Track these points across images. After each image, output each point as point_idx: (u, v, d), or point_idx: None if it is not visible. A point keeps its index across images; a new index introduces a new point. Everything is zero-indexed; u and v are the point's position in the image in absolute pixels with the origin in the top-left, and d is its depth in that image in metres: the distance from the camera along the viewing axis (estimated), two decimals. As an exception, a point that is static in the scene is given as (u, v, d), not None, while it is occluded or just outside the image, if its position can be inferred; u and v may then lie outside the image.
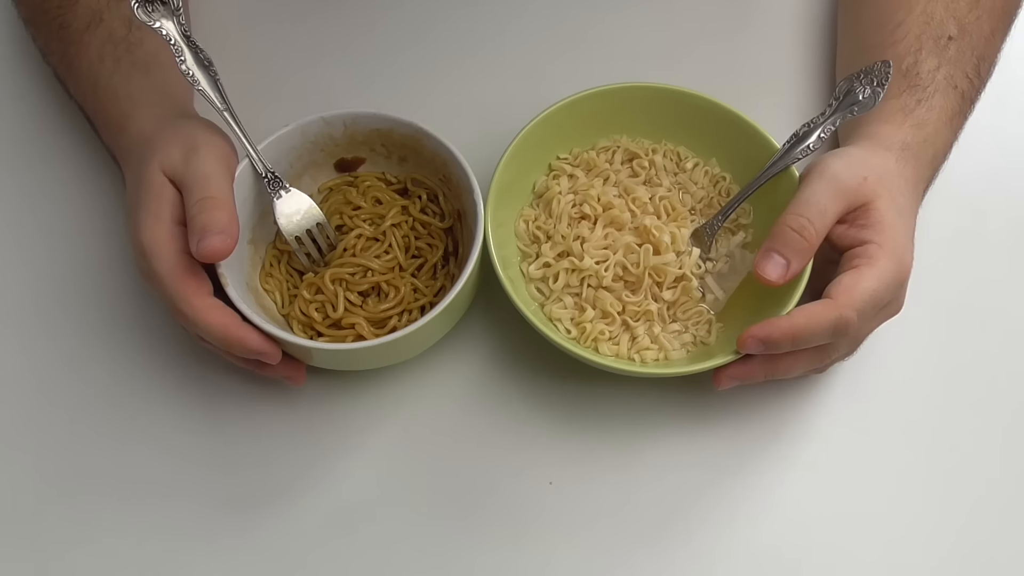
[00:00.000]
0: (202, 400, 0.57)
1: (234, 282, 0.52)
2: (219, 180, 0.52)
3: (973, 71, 0.59)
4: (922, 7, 0.60)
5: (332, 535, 0.54)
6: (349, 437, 0.57)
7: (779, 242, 0.52)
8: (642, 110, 0.61)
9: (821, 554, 0.54)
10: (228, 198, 0.52)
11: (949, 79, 0.58)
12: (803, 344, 0.51)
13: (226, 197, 0.51)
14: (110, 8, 0.59)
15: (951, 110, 0.58)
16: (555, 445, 0.56)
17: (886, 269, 0.52)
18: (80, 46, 0.59)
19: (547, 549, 0.54)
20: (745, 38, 0.71)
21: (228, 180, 0.53)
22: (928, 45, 0.59)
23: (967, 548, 0.54)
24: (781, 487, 0.56)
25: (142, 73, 0.58)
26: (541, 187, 0.61)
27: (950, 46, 0.59)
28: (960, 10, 0.60)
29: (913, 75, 0.58)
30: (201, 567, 0.53)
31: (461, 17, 0.71)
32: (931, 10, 0.60)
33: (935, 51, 0.59)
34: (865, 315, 0.51)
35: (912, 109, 0.57)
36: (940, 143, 0.58)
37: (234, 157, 0.55)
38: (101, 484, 0.55)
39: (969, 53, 0.59)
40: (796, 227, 0.52)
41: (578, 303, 0.57)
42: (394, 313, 0.56)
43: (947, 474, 0.56)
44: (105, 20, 0.59)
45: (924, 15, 0.60)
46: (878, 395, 0.58)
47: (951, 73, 0.59)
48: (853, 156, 0.55)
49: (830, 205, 0.52)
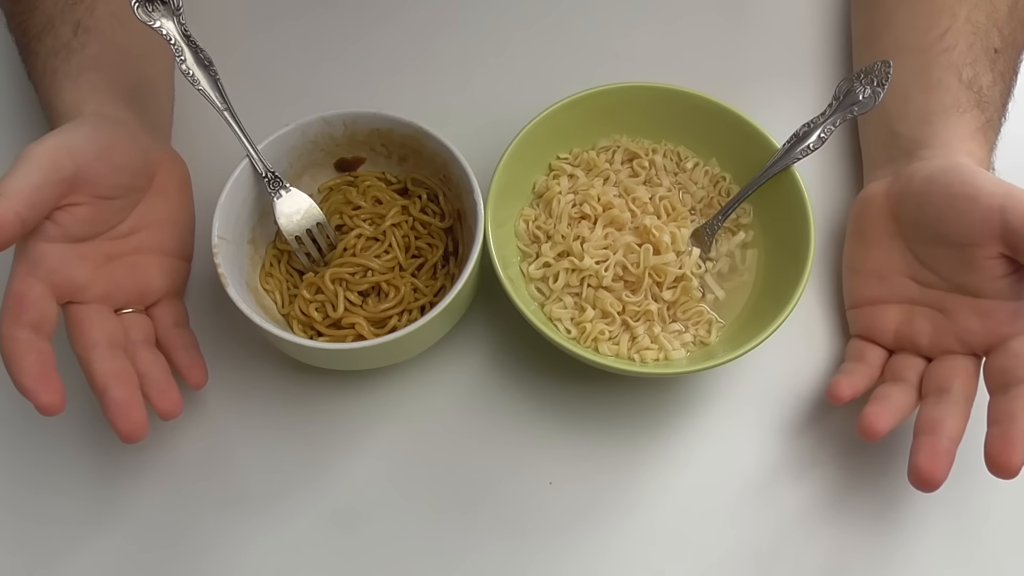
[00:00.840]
0: (201, 400, 0.57)
1: (234, 282, 0.52)
2: (33, 164, 0.47)
3: (1012, 88, 0.59)
4: (965, 14, 0.58)
5: (332, 535, 0.54)
6: (349, 437, 0.57)
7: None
8: (642, 110, 0.61)
9: (822, 554, 0.54)
10: (23, 185, 0.46)
11: (1002, 97, 0.58)
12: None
13: (21, 184, 0.46)
14: (63, 13, 0.57)
15: (999, 133, 0.58)
16: (555, 445, 0.56)
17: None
18: (32, 56, 0.57)
19: (547, 548, 0.54)
20: (745, 38, 0.71)
21: (42, 172, 0.47)
22: (982, 57, 0.58)
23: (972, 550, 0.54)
24: (781, 487, 0.56)
25: (72, 82, 0.55)
26: (541, 187, 0.61)
27: (999, 59, 0.58)
28: (1000, 20, 0.59)
29: (977, 88, 0.57)
30: (201, 567, 0.53)
31: (461, 17, 0.71)
32: (975, 18, 0.58)
33: (988, 65, 0.58)
34: None
35: (987, 131, 0.56)
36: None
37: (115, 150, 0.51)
38: (100, 484, 0.55)
39: (1012, 68, 0.59)
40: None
41: (578, 303, 0.57)
42: (394, 313, 0.56)
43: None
44: (56, 27, 0.57)
45: (970, 23, 0.58)
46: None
47: (1003, 91, 0.58)
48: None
49: None
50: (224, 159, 0.55)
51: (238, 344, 0.58)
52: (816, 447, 0.57)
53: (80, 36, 0.57)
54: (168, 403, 0.50)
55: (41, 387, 0.46)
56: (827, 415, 0.58)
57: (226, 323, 0.59)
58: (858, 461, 0.56)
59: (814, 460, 0.56)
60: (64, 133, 0.50)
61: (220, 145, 0.56)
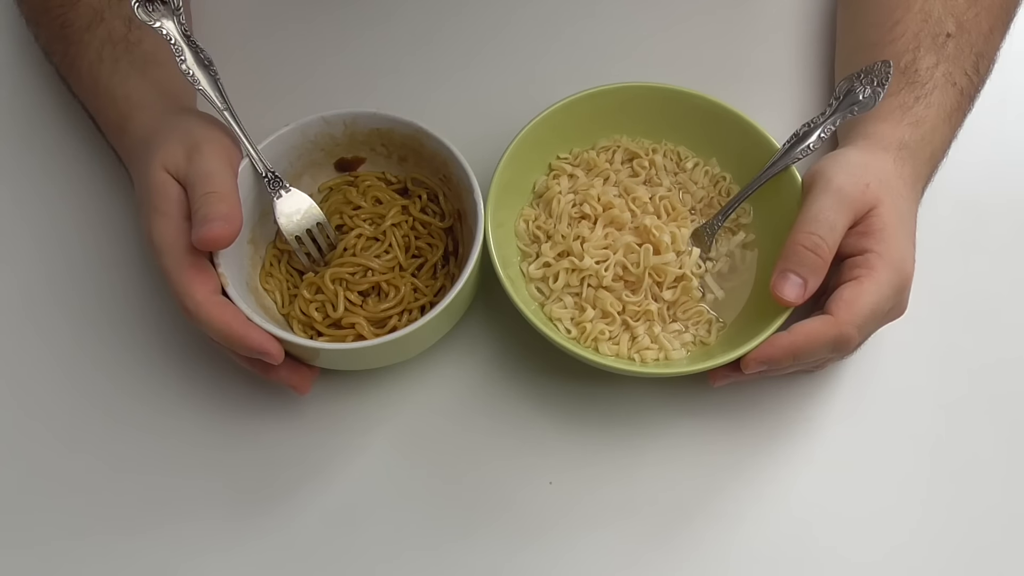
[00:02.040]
0: (202, 401, 0.57)
1: (234, 282, 0.52)
2: (223, 176, 0.52)
3: (972, 68, 0.59)
4: (920, 5, 0.60)
5: (332, 535, 0.54)
6: (349, 437, 0.57)
7: (794, 262, 0.52)
8: (642, 110, 0.61)
9: (823, 554, 0.54)
10: (232, 192, 0.51)
11: (948, 76, 0.58)
12: (803, 360, 0.52)
13: (229, 191, 0.51)
14: (111, 7, 0.59)
15: (949, 107, 0.58)
16: (555, 445, 0.56)
17: (886, 280, 0.52)
18: (81, 46, 0.58)
19: (547, 549, 0.54)
20: (745, 38, 0.71)
21: (231, 176, 0.53)
22: (926, 42, 0.59)
23: (970, 550, 0.54)
24: (782, 487, 0.56)
25: (139, 72, 0.58)
26: (541, 187, 0.61)
27: (948, 43, 0.59)
28: (958, 7, 0.60)
29: (911, 72, 0.58)
30: (202, 568, 0.53)
31: (461, 17, 0.71)
32: (929, 8, 0.60)
33: (933, 48, 0.59)
34: (866, 329, 0.52)
35: (910, 106, 0.57)
36: (938, 140, 0.58)
37: (236, 152, 0.54)
38: (100, 485, 0.55)
39: (968, 50, 0.59)
40: (810, 245, 0.52)
41: (578, 303, 0.57)
42: (394, 313, 0.56)
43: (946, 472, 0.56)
44: (106, 19, 0.59)
45: (922, 12, 0.60)
46: (880, 394, 0.58)
47: (950, 70, 0.58)
48: (853, 163, 0.55)
49: (839, 219, 0.52)
50: (224, 159, 0.55)
51: (238, 344, 0.58)
52: (817, 447, 0.57)
53: (134, 31, 0.58)
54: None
55: (265, 340, 0.50)
56: (828, 415, 0.57)
57: (226, 323, 0.59)
58: (860, 461, 0.56)
59: (815, 460, 0.56)
60: (206, 129, 0.53)
61: (220, 145, 0.56)
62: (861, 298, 0.51)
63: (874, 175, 0.54)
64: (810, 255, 0.52)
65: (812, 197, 0.54)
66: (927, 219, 0.57)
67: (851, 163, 0.55)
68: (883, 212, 0.53)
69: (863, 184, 0.53)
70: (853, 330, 0.51)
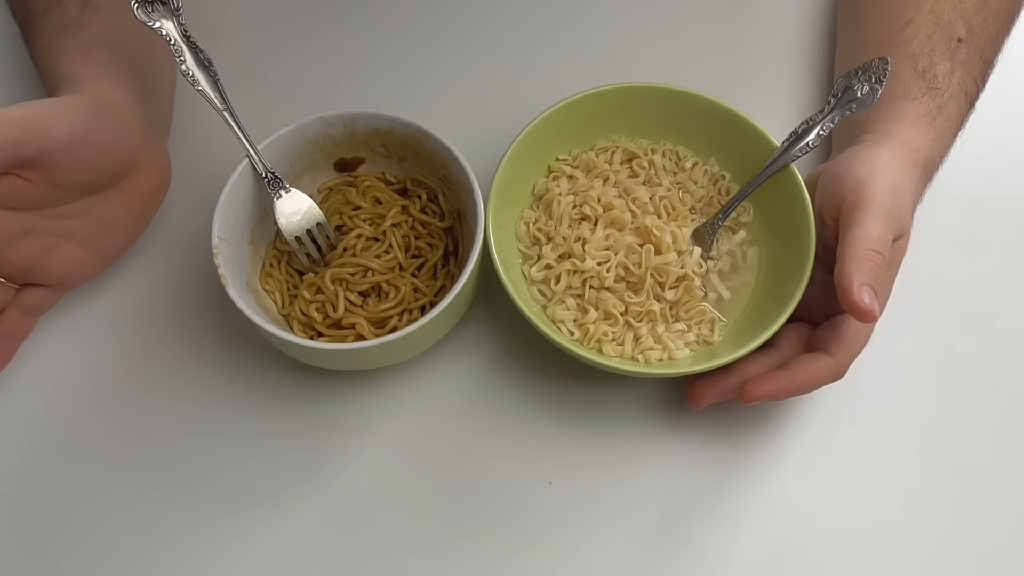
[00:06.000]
0: (201, 400, 0.57)
1: (234, 282, 0.52)
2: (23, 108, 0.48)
3: (980, 76, 0.59)
4: (930, 6, 0.59)
5: (332, 534, 0.54)
6: (349, 437, 0.56)
7: (870, 277, 0.50)
8: (641, 110, 0.61)
9: (822, 554, 0.54)
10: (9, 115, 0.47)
11: (961, 84, 0.58)
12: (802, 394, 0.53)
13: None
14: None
15: (960, 118, 0.58)
16: (555, 445, 0.56)
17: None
18: (37, 31, 0.57)
19: (547, 549, 0.54)
20: (743, 37, 0.71)
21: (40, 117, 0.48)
22: (940, 46, 0.58)
23: (974, 552, 0.54)
24: (782, 488, 0.56)
25: (83, 55, 0.55)
26: (541, 189, 0.61)
27: (960, 48, 0.59)
28: (968, 11, 0.59)
29: (931, 77, 0.58)
30: (202, 568, 0.53)
31: (461, 18, 0.71)
32: (939, 9, 0.59)
33: (947, 53, 0.58)
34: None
35: (934, 117, 0.57)
36: (945, 152, 0.58)
37: (101, 129, 0.51)
38: (99, 484, 0.55)
39: (977, 57, 0.59)
40: (879, 262, 0.50)
41: (580, 304, 0.57)
42: (394, 313, 0.56)
43: (949, 473, 0.56)
44: (63, 3, 0.56)
45: (933, 14, 0.59)
46: (880, 396, 0.58)
47: (963, 78, 0.58)
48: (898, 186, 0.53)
49: (887, 235, 0.52)
50: (224, 159, 0.55)
51: (238, 344, 0.58)
52: (817, 448, 0.57)
53: (88, 13, 0.56)
54: None
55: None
56: (829, 416, 0.57)
57: (226, 323, 0.58)
58: (860, 461, 0.56)
59: (815, 461, 0.56)
60: (48, 108, 0.49)
61: (220, 145, 0.56)
62: (859, 338, 0.53)
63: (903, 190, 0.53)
64: (874, 268, 0.50)
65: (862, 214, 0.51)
66: (927, 219, 0.57)
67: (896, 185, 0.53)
68: (901, 244, 0.54)
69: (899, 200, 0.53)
70: (848, 366, 0.53)
